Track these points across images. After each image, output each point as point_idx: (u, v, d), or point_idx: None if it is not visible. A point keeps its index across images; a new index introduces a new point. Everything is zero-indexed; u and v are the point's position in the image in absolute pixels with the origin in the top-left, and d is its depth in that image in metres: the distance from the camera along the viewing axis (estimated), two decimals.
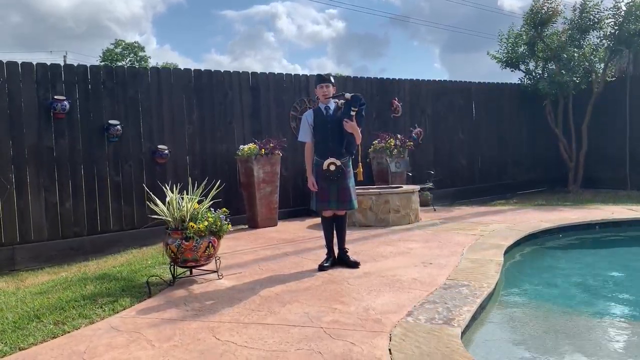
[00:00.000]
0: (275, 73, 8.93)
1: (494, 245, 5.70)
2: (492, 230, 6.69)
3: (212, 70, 8.27)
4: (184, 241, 4.50)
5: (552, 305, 4.21)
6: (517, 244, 6.03)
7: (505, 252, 5.43)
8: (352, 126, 4.78)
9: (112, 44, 40.59)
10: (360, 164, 5.24)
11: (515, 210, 8.82)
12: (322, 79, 4.99)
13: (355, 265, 4.95)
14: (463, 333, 3.21)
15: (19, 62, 6.56)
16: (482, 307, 3.76)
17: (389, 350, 2.92)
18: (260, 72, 8.76)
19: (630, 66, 12.33)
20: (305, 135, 5.08)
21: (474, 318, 3.53)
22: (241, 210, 7.93)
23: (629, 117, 11.30)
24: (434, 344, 2.97)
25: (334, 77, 5.25)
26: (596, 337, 3.51)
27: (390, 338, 3.10)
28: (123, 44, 40.51)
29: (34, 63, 6.67)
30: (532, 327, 3.74)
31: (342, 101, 4.91)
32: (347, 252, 5.09)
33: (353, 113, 4.75)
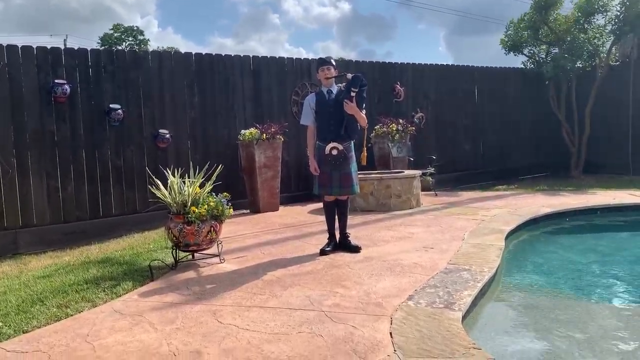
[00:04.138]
0: (277, 57, 8.87)
1: (495, 230, 5.70)
2: (494, 215, 6.69)
3: (214, 54, 8.23)
4: (186, 225, 4.51)
5: (552, 289, 4.22)
6: (519, 228, 6.04)
7: (507, 237, 5.43)
8: (351, 107, 4.73)
9: (110, 29, 40.39)
10: (364, 148, 5.21)
11: (517, 195, 8.82)
12: (324, 61, 4.98)
13: (356, 249, 4.96)
14: (464, 317, 3.22)
15: (19, 45, 6.52)
16: (482, 292, 3.77)
17: (390, 333, 2.94)
18: (262, 56, 8.71)
19: (634, 51, 12.21)
20: (307, 118, 5.06)
21: (474, 302, 3.54)
22: (243, 194, 7.94)
23: (632, 102, 11.22)
24: (435, 327, 2.98)
25: (336, 61, 5.23)
26: (596, 321, 3.53)
27: (392, 321, 3.11)
28: (122, 28, 40.31)
29: (34, 47, 6.63)
30: (532, 311, 3.76)
31: (344, 84, 4.88)
32: (348, 236, 5.10)
33: (353, 94, 4.70)
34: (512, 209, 7.14)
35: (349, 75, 4.80)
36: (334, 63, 5.00)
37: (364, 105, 4.93)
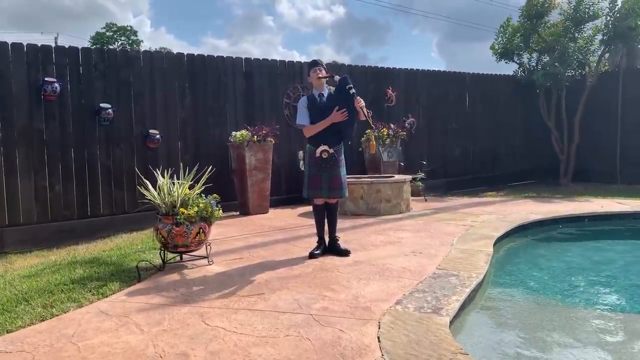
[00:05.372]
0: (269, 59, 8.88)
1: (484, 235, 5.73)
2: (483, 221, 6.72)
3: (206, 55, 8.21)
4: (174, 226, 4.48)
5: (539, 296, 4.24)
6: (507, 235, 6.06)
7: (495, 243, 5.45)
8: (359, 100, 4.70)
9: (103, 27, 40.19)
10: (372, 136, 5.17)
11: (506, 201, 8.87)
12: (316, 63, 5.02)
13: (345, 253, 4.96)
14: (451, 322, 3.22)
15: (9, 42, 6.46)
16: (470, 297, 3.78)
17: (378, 338, 2.94)
18: (254, 58, 8.72)
19: (623, 60, 12.35)
20: (303, 118, 4.97)
21: (462, 307, 3.55)
22: (233, 196, 7.91)
23: (620, 111, 11.35)
24: (423, 332, 2.99)
25: (329, 64, 5.28)
26: (582, 327, 3.55)
27: (379, 326, 3.11)
28: (115, 27, 40.09)
29: (25, 44, 6.57)
30: (519, 317, 3.78)
31: (334, 88, 4.93)
32: (338, 240, 5.09)
33: (353, 91, 4.69)
34: (501, 215, 7.18)
35: (337, 78, 4.84)
36: (324, 65, 5.04)
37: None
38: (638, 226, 7.02)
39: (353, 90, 4.69)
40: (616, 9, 10.57)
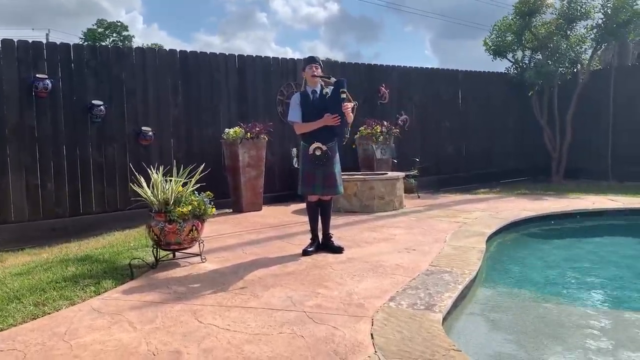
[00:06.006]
0: (263, 56, 8.85)
1: (476, 232, 5.75)
2: (475, 218, 6.75)
3: (198, 51, 8.18)
4: (167, 224, 4.47)
5: (532, 292, 4.27)
6: (500, 231, 6.09)
7: (488, 240, 5.48)
8: (347, 107, 4.74)
9: (94, 24, 39.92)
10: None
11: (498, 198, 8.90)
12: (313, 59, 5.00)
13: (339, 250, 4.96)
14: (444, 319, 3.24)
15: (0, 38, 6.41)
16: (463, 294, 3.80)
17: (371, 334, 2.94)
18: (247, 55, 8.68)
19: (615, 58, 12.42)
20: (295, 114, 4.97)
21: (455, 304, 3.56)
22: (226, 194, 7.88)
23: (612, 108, 11.40)
24: (416, 329, 3.00)
25: (322, 62, 5.26)
26: (575, 324, 3.57)
27: (373, 323, 3.12)
28: (106, 23, 39.82)
29: (15, 40, 6.52)
30: (512, 313, 3.80)
31: (328, 88, 4.91)
32: (331, 237, 5.10)
33: (344, 95, 4.72)
34: (493, 212, 7.21)
35: (333, 79, 4.84)
36: (321, 64, 5.03)
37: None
38: (630, 222, 7.08)
39: (343, 96, 4.71)
40: (609, 5, 10.60)
